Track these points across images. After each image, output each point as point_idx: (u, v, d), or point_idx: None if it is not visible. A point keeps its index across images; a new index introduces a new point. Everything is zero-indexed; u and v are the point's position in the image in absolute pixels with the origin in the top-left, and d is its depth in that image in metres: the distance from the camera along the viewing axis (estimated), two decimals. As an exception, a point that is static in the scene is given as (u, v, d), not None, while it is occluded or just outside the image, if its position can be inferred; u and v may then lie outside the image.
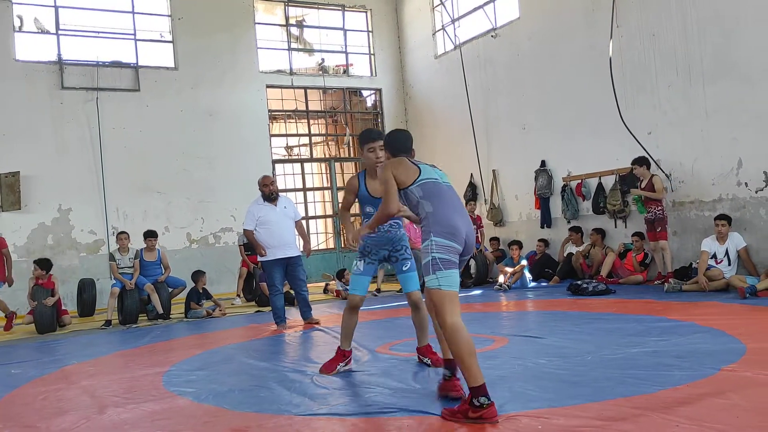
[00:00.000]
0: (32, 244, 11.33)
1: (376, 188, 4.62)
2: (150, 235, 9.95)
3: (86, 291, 10.49)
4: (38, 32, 11.95)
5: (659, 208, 8.75)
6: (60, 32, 11.96)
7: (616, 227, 10.03)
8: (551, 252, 10.88)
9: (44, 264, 9.35)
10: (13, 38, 11.58)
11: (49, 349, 7.33)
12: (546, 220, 11.25)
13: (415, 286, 4.75)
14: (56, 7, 11.93)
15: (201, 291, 9.59)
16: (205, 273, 9.89)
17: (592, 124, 10.19)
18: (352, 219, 5.45)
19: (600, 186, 10.16)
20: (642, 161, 8.92)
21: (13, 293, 10.04)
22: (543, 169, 11.21)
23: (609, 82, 9.48)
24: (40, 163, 11.40)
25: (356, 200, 4.90)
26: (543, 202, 11.27)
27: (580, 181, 10.56)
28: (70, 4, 12.12)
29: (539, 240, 10.90)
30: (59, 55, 11.85)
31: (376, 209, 4.27)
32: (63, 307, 9.59)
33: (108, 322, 8.98)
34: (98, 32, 12.37)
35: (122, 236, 9.71)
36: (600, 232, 10.03)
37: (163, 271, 9.94)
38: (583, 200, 10.57)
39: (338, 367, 4.81)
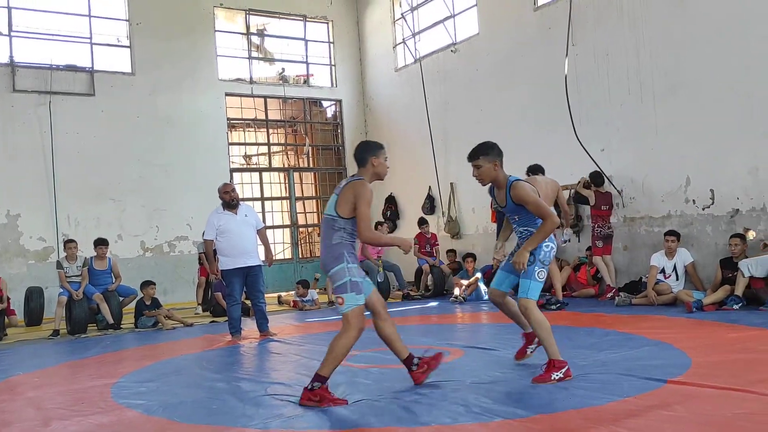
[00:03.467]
0: (-22, 251, 10.97)
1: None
2: (100, 242, 9.73)
3: (34, 299, 10.18)
4: (-11, 33, 11.65)
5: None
6: (12, 34, 11.66)
7: (569, 241, 10.21)
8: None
9: None
10: (-37, 38, 11.28)
11: (-8, 360, 7.11)
12: (502, 234, 11.37)
13: (523, 293, 4.49)
14: (9, 8, 11.63)
15: (149, 302, 9.22)
16: (153, 283, 9.45)
17: (548, 139, 10.37)
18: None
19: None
20: (593, 178, 9.19)
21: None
22: (500, 183, 11.33)
23: (564, 99, 9.68)
24: (-12, 168, 11.07)
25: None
26: (499, 216, 11.37)
27: (535, 195, 10.71)
28: (24, 5, 11.84)
29: (496, 254, 11.00)
30: (11, 56, 11.54)
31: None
32: (11, 307, 9.49)
33: (56, 332, 8.73)
34: (53, 35, 12.10)
35: (70, 245, 9.47)
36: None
37: (114, 279, 9.72)
38: (539, 214, 10.73)
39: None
